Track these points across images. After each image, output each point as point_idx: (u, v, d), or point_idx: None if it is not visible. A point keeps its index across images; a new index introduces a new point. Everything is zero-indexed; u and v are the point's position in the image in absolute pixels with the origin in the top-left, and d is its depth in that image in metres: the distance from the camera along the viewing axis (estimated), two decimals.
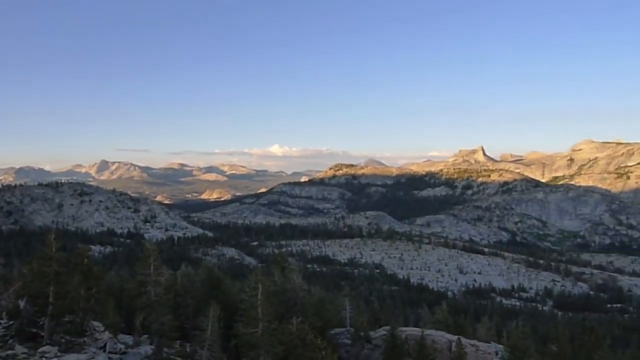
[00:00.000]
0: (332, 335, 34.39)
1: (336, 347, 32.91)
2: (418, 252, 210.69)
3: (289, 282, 36.14)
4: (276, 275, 36.70)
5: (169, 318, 29.13)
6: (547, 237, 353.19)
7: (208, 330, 26.52)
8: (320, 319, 33.31)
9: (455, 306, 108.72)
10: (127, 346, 29.01)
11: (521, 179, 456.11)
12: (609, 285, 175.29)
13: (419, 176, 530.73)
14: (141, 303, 29.31)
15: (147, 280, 29.27)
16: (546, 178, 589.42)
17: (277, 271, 37.51)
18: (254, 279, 27.66)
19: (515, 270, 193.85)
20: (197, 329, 27.46)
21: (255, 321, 26.58)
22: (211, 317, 26.64)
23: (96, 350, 26.50)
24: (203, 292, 35.34)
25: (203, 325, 26.74)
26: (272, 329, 26.67)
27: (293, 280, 36.31)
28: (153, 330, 29.15)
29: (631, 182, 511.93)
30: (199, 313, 28.73)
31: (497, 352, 32.87)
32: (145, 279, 29.32)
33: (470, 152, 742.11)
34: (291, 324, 26.34)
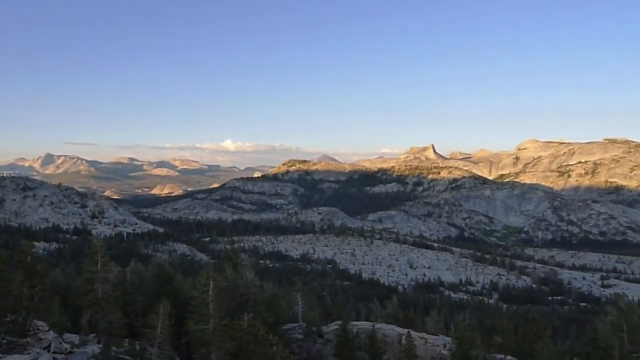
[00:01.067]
0: (285, 331, 34.46)
1: (288, 342, 33.01)
2: (370, 247, 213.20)
3: (241, 278, 35.96)
4: (228, 271, 36.46)
5: (117, 316, 28.51)
6: (494, 233, 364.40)
7: (158, 327, 26.10)
8: (273, 314, 33.33)
9: (406, 300, 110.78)
10: (73, 346, 28.18)
11: (469, 177, 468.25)
12: (551, 279, 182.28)
13: (371, 173, 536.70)
14: (88, 301, 28.57)
15: (94, 277, 28.55)
16: (493, 175, 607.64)
17: (229, 267, 37.26)
18: (205, 275, 27.41)
19: (463, 264, 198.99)
20: (146, 326, 26.96)
21: (207, 318, 26.36)
22: (161, 314, 26.23)
23: (40, 350, 25.62)
24: (153, 289, 34.74)
25: (153, 322, 26.28)
26: (223, 325, 26.50)
27: (245, 276, 36.15)
28: (100, 329, 28.47)
29: (572, 180, 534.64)
30: (149, 310, 28.21)
31: (445, 344, 33.73)
32: (92, 276, 28.59)
33: (421, 149, 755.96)
34: (243, 320, 26.24)
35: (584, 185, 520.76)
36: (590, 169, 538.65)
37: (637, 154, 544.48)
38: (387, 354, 31.90)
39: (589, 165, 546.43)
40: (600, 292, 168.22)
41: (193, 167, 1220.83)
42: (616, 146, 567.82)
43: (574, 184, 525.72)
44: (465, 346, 26.96)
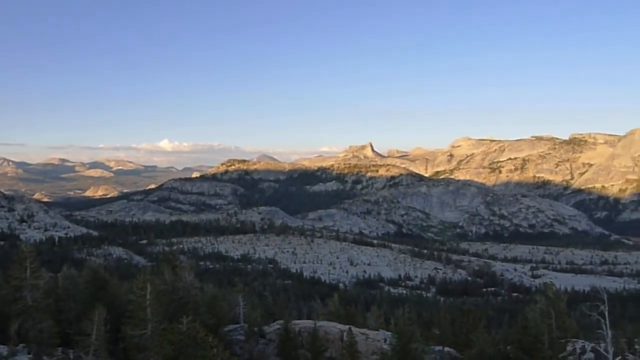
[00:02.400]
0: (226, 332, 34.08)
1: (230, 343, 32.68)
2: (310, 245, 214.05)
3: (180, 280, 35.27)
4: (166, 274, 35.64)
5: (48, 324, 27.32)
6: (430, 228, 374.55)
7: (93, 334, 25.22)
8: (214, 316, 32.91)
9: (347, 297, 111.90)
10: (1, 357, 26.76)
11: (407, 174, 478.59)
12: (485, 271, 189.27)
13: (310, 171, 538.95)
14: (16, 309, 27.23)
15: (23, 284, 27.26)
16: (429, 173, 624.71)
17: (167, 269, 36.42)
18: (142, 279, 26.72)
19: (401, 260, 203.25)
20: (81, 334, 25.99)
21: (144, 322, 25.71)
22: (96, 321, 25.36)
23: None
24: (87, 295, 33.48)
25: (87, 329, 25.37)
26: (161, 329, 25.94)
27: (184, 278, 35.48)
28: (30, 338, 27.18)
29: (502, 175, 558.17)
30: (83, 317, 27.19)
31: (386, 338, 34.31)
32: (20, 283, 27.28)
33: (359, 148, 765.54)
34: (181, 323, 25.77)
35: (513, 180, 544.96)
36: (519, 165, 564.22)
37: (561, 150, 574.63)
38: (329, 351, 32.17)
39: (518, 161, 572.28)
40: (530, 282, 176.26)
41: (129, 168, 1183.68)
42: (542, 143, 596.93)
43: (505, 179, 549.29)
44: (404, 340, 27.55)
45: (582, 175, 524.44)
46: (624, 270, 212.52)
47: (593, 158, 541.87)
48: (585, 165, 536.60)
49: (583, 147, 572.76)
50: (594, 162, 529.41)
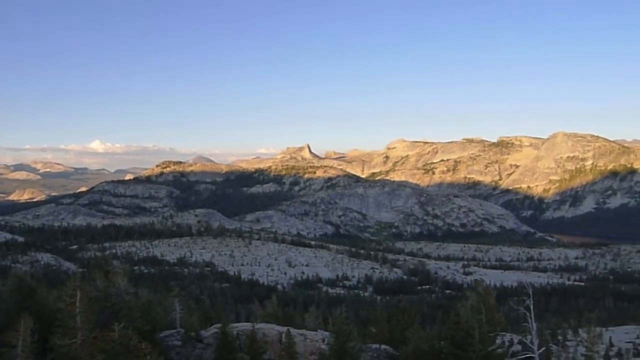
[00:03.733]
0: (162, 338, 33.29)
1: (166, 349, 31.96)
2: (248, 248, 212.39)
3: (113, 286, 34.10)
4: (98, 280, 34.36)
5: None
6: (367, 229, 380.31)
7: (19, 345, 24.00)
8: (149, 322, 32.05)
9: (285, 298, 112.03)
10: None
11: (344, 175, 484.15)
12: (419, 269, 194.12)
13: (248, 173, 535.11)
14: None
15: None
16: (365, 174, 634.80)
17: (99, 275, 35.11)
18: (71, 286, 25.70)
19: (339, 260, 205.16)
20: (5, 345, 24.66)
21: (74, 331, 24.75)
22: (22, 331, 24.14)
23: None
24: (12, 304, 31.75)
25: (13, 341, 24.12)
26: (92, 337, 25.06)
27: (117, 283, 34.34)
28: None
29: (436, 177, 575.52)
30: (8, 328, 25.82)
31: (324, 338, 34.59)
32: None
33: (297, 149, 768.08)
34: (113, 330, 24.99)
35: (446, 181, 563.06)
36: (451, 167, 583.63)
37: (490, 152, 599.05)
38: (267, 353, 32.07)
39: (450, 163, 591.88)
40: (462, 279, 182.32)
41: (57, 170, 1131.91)
42: (473, 145, 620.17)
43: (438, 180, 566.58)
44: (342, 339, 27.90)
45: (509, 176, 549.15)
46: (548, 265, 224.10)
47: (519, 160, 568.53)
48: (512, 167, 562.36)
49: (510, 150, 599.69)
50: (520, 164, 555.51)
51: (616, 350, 64.87)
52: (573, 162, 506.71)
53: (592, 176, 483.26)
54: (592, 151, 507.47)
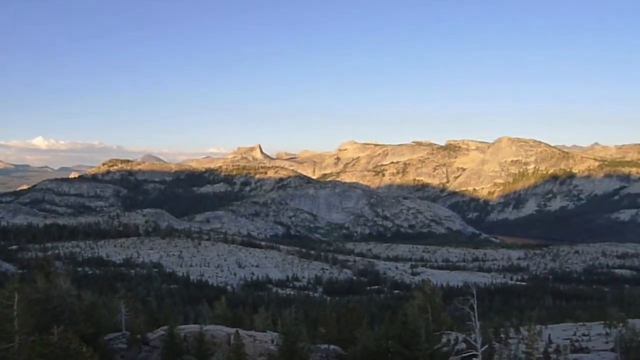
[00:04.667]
0: (106, 341, 32.40)
1: (111, 352, 31.14)
2: (197, 248, 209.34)
3: (55, 288, 32.94)
4: (39, 282, 33.14)
5: None
6: (318, 230, 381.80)
7: None
8: (92, 325, 31.12)
9: (235, 299, 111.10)
10: None
11: (295, 176, 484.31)
12: (369, 270, 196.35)
13: (198, 173, 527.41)
14: None
15: None
16: (317, 175, 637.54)
17: (40, 277, 33.86)
18: (9, 288, 24.68)
19: (289, 261, 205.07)
20: None
21: (11, 335, 23.78)
22: None
23: None
24: None
25: None
26: (31, 341, 24.15)
27: (59, 285, 33.19)
28: None
29: (386, 178, 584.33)
30: None
31: (273, 339, 34.53)
32: None
33: (248, 149, 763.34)
34: (52, 333, 24.15)
35: (396, 183, 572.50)
36: (401, 169, 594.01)
37: (438, 155, 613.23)
38: (215, 355, 31.74)
39: (400, 165, 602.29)
40: (410, 279, 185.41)
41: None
42: (422, 148, 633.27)
43: (388, 182, 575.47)
44: (291, 339, 27.94)
45: (456, 179, 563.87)
46: (492, 266, 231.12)
47: (466, 163, 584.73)
48: (460, 170, 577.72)
49: (458, 153, 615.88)
50: (467, 167, 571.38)
51: (555, 347, 67.46)
52: (516, 166, 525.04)
53: (534, 180, 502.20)
54: (535, 156, 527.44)
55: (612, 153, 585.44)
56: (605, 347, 66.74)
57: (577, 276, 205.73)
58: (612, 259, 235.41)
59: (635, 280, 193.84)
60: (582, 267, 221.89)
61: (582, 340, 74.71)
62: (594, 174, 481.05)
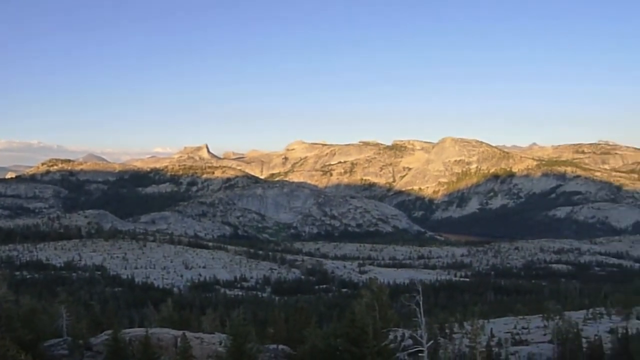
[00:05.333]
0: (47, 348, 31.35)
1: (52, 359, 30.14)
2: (143, 250, 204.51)
3: None
4: None
5: None
6: (266, 230, 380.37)
7: None
8: (32, 331, 30.05)
9: (182, 301, 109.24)
10: None
11: (242, 176, 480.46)
12: (317, 269, 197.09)
13: (143, 173, 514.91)
14: None
15: None
16: (265, 175, 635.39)
17: None
18: None
19: (237, 262, 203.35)
20: None
21: None
22: None
23: None
24: None
25: None
26: None
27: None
28: None
29: (333, 178, 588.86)
30: None
31: (221, 341, 34.32)
32: None
33: (195, 149, 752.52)
34: None
35: (343, 182, 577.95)
36: (348, 169, 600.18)
37: (385, 155, 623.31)
38: (162, 358, 31.26)
39: (347, 165, 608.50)
40: (358, 277, 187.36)
41: None
42: (369, 148, 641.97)
43: (336, 181, 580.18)
44: (239, 340, 27.83)
45: (402, 178, 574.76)
46: (437, 263, 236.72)
47: (412, 163, 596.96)
48: (405, 169, 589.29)
49: (403, 153, 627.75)
50: (413, 167, 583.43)
51: (496, 340, 70.02)
52: (460, 165, 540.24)
53: (477, 179, 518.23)
54: (477, 155, 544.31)
55: (549, 153, 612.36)
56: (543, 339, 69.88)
57: (517, 271, 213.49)
58: (549, 254, 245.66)
59: (571, 275, 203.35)
60: (522, 263, 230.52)
61: (522, 333, 77.87)
62: (532, 173, 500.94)
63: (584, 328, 69.50)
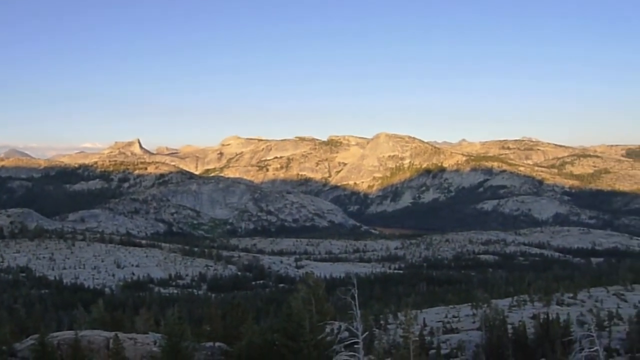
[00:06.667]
0: None
1: None
2: (71, 249, 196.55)
3: None
4: None
5: None
6: (201, 226, 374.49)
7: None
8: None
9: (114, 302, 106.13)
10: None
11: (177, 172, 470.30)
12: (254, 265, 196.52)
13: (71, 169, 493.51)
14: None
15: None
16: (199, 170, 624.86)
17: None
18: None
19: (172, 259, 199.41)
20: None
21: None
22: None
23: None
24: None
25: None
26: None
27: None
28: None
29: (269, 173, 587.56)
30: None
31: (156, 341, 33.72)
32: None
33: (126, 144, 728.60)
34: None
35: (279, 178, 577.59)
36: (284, 164, 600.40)
37: (321, 150, 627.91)
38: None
39: (284, 160, 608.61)
40: (295, 272, 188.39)
41: None
42: (305, 143, 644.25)
43: (272, 177, 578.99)
44: (175, 339, 27.46)
45: (338, 173, 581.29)
46: (372, 256, 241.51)
47: (347, 158, 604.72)
48: (341, 165, 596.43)
49: (339, 148, 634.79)
50: (348, 162, 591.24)
51: (429, 329, 72.50)
52: (393, 160, 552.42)
53: (410, 174, 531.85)
54: (410, 151, 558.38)
55: (477, 149, 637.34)
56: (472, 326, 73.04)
57: (447, 262, 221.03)
58: (477, 245, 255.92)
59: (498, 264, 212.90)
60: (452, 254, 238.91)
61: (452, 321, 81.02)
62: (461, 168, 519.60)
63: (510, 315, 73.09)
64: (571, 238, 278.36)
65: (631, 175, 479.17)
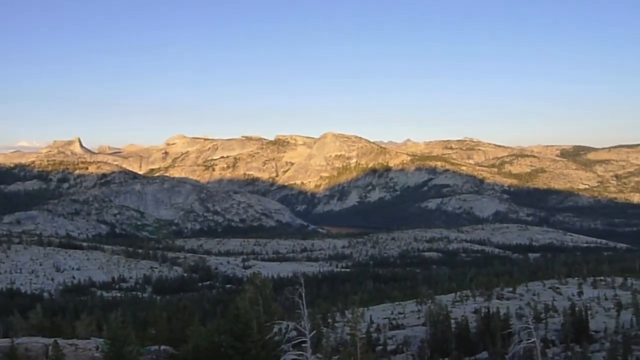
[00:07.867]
0: None
1: None
2: (7, 253, 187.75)
3: None
4: None
5: None
6: (145, 227, 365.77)
7: None
8: None
9: (53, 307, 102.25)
10: None
11: (120, 172, 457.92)
12: (200, 266, 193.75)
13: (6, 169, 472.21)
14: None
15: None
16: (143, 170, 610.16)
17: None
18: None
19: (115, 262, 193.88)
20: None
21: None
22: None
23: None
24: None
25: None
26: None
27: None
28: None
29: (216, 173, 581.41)
30: None
31: (98, 346, 32.84)
32: None
33: (66, 143, 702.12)
34: None
35: (226, 177, 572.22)
36: (231, 163, 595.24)
37: (268, 150, 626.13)
38: None
39: (230, 159, 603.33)
40: (242, 272, 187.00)
41: None
42: (252, 143, 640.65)
43: (218, 176, 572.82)
44: (118, 344, 26.82)
45: (285, 173, 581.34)
46: (319, 255, 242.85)
47: (294, 158, 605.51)
48: (288, 164, 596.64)
49: (286, 148, 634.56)
50: (295, 161, 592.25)
51: (375, 326, 73.61)
52: (340, 160, 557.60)
53: (356, 173, 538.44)
54: (356, 151, 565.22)
55: (422, 149, 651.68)
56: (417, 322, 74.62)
57: (393, 260, 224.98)
58: (422, 243, 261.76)
59: (441, 261, 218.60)
60: (398, 252, 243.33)
61: (398, 318, 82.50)
62: (406, 167, 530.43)
63: (453, 310, 75.10)
64: (510, 235, 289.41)
65: (565, 175, 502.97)
